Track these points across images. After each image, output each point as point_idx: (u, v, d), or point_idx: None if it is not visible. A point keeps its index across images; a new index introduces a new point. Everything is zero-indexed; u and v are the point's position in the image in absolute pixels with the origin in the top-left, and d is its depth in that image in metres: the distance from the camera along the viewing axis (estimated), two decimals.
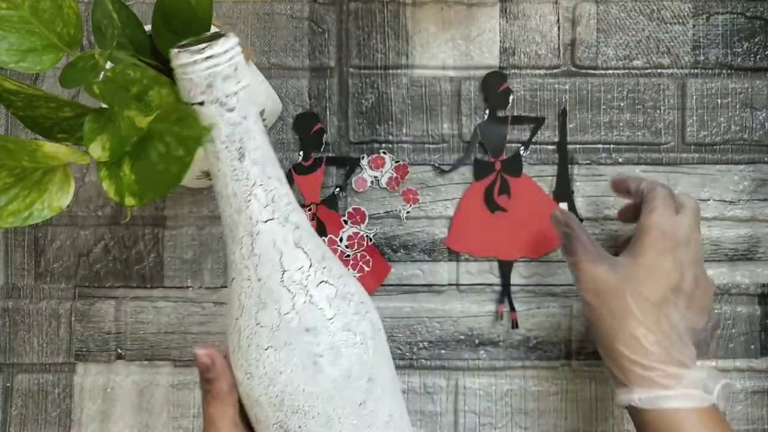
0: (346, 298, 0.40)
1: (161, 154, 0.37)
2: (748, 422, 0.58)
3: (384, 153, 0.58)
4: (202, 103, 0.35)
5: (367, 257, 0.57)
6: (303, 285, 0.38)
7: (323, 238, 0.57)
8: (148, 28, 0.46)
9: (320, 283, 0.39)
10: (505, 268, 0.58)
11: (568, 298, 0.58)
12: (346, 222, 0.58)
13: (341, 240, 0.57)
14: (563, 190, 0.58)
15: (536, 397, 0.58)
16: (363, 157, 0.58)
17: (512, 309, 0.58)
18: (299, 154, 0.58)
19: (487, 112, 0.59)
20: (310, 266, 0.39)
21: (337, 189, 0.58)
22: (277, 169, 0.38)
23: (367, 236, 0.58)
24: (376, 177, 0.58)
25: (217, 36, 0.36)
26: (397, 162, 0.58)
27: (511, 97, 0.59)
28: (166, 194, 0.38)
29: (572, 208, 0.58)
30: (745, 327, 0.58)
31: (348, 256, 0.57)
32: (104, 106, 0.40)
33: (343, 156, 0.58)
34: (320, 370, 0.38)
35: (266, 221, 0.38)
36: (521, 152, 0.58)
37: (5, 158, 0.35)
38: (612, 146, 0.58)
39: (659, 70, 0.59)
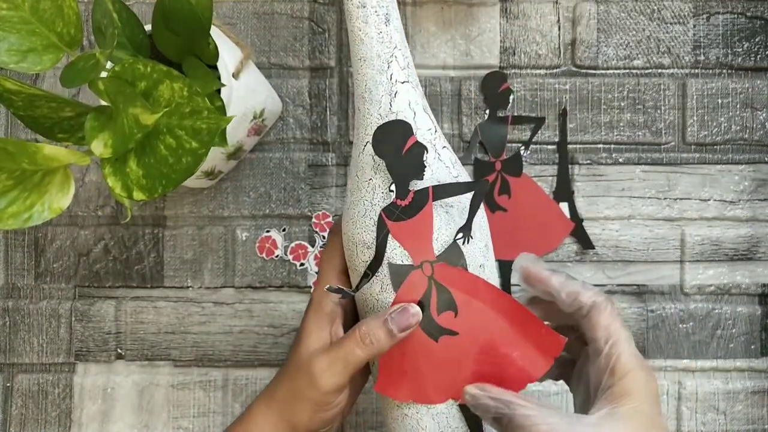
0: (464, 168, 0.43)
1: (171, 148, 0.37)
2: (748, 422, 0.58)
3: None
4: None
5: None
6: (432, 143, 0.41)
7: None
8: (148, 28, 0.46)
9: (443, 147, 0.42)
10: (505, 268, 0.58)
11: None
12: None
13: None
14: (563, 190, 0.58)
15: (537, 397, 0.57)
16: None
17: None
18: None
19: (487, 112, 0.59)
20: (436, 131, 0.42)
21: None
22: (407, 44, 0.42)
23: None
24: None
25: None
26: None
27: (511, 97, 0.59)
28: (177, 187, 0.38)
29: (572, 208, 0.58)
30: (745, 327, 0.58)
31: None
32: (104, 104, 0.40)
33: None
34: (452, 220, 0.40)
35: (403, 82, 0.40)
36: (521, 152, 0.58)
37: (5, 161, 0.35)
38: (612, 146, 0.58)
39: (660, 70, 0.59)
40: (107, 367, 0.58)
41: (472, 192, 0.41)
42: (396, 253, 0.40)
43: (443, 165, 0.41)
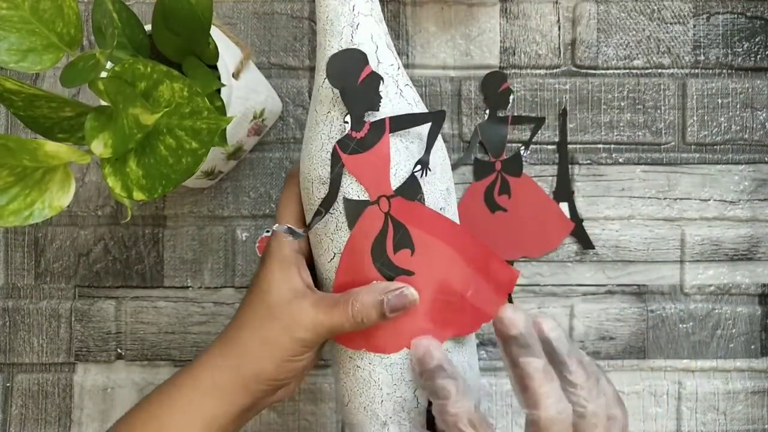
0: (427, 108, 0.42)
1: (171, 149, 0.37)
2: (748, 422, 0.58)
3: None
4: None
5: None
6: (394, 79, 0.40)
7: None
8: (148, 28, 0.46)
9: (406, 85, 0.41)
10: None
11: (569, 298, 0.58)
12: None
13: None
14: (563, 190, 0.58)
15: None
16: None
17: None
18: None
19: (487, 112, 0.59)
20: (399, 67, 0.41)
21: None
22: None
23: None
24: None
25: None
26: None
27: (511, 97, 0.59)
28: (177, 187, 0.38)
29: (572, 208, 0.58)
30: (745, 327, 0.58)
31: None
32: (104, 104, 0.40)
33: None
34: (411, 156, 0.39)
35: (366, 15, 0.40)
36: (521, 152, 0.58)
37: (6, 157, 0.35)
38: (612, 146, 0.58)
39: (659, 70, 0.59)
40: (107, 367, 0.58)
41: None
42: (352, 188, 0.39)
43: (405, 102, 0.40)
